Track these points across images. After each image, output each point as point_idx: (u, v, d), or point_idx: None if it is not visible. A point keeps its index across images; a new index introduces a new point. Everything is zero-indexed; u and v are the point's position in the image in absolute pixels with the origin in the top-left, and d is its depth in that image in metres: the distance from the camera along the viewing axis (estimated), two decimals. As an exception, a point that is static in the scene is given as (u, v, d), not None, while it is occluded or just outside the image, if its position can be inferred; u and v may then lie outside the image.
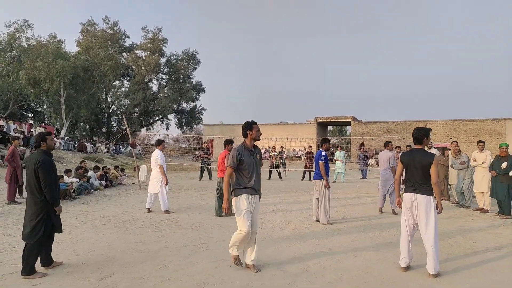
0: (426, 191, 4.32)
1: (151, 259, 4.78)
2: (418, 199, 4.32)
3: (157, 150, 8.40)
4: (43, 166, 4.16)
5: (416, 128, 4.61)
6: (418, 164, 4.35)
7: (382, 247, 5.47)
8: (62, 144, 21.66)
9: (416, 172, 4.37)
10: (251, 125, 4.63)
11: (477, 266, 4.62)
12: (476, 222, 7.39)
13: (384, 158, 8.44)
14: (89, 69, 30.54)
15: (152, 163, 8.38)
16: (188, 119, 43.43)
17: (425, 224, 4.27)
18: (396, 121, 35.59)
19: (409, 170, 4.46)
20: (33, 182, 4.18)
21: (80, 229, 6.49)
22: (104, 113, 41.63)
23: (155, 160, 8.27)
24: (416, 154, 4.44)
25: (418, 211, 4.32)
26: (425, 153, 4.43)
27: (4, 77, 29.91)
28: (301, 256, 4.96)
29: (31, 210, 4.19)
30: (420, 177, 4.35)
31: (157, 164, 8.23)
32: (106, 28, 38.01)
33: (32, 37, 33.16)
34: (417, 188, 4.36)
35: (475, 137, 30.38)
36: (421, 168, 4.33)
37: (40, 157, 4.23)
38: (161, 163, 8.21)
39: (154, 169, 8.34)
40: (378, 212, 8.40)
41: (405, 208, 4.48)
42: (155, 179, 8.25)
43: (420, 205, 4.31)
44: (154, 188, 8.22)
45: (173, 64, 40.92)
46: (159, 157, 8.24)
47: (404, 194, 4.49)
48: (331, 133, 59.74)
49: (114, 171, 14.22)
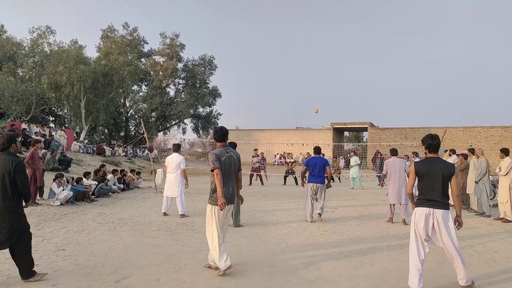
0: (445, 205, 3.96)
1: (167, 262, 4.82)
2: (437, 214, 3.89)
3: (179, 155, 8.50)
4: (21, 168, 4.01)
5: (430, 135, 4.15)
6: (438, 174, 3.93)
7: (399, 255, 5.37)
8: (81, 147, 22.11)
9: (435, 184, 3.94)
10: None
11: (498, 276, 4.49)
12: (497, 232, 7.19)
13: (397, 165, 8.03)
14: (108, 74, 31.19)
15: (173, 167, 8.37)
16: (204, 124, 43.76)
17: (448, 239, 3.86)
18: (414, 127, 34.99)
19: (426, 181, 3.98)
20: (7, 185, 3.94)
21: (98, 231, 6.59)
22: (123, 117, 42.34)
23: (178, 164, 8.33)
24: (435, 163, 4.00)
25: (439, 228, 3.89)
26: (445, 163, 4.06)
27: (27, 81, 30.79)
28: (317, 262, 4.92)
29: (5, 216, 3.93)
30: (440, 189, 3.92)
31: (179, 168, 8.31)
32: (126, 34, 38.79)
33: (54, 43, 34.15)
34: (437, 201, 3.92)
35: (497, 145, 29.61)
36: (441, 179, 3.92)
37: (15, 158, 4.04)
38: (184, 167, 8.39)
39: (173, 173, 8.36)
40: (388, 222, 7.96)
41: (418, 224, 3.98)
42: (174, 183, 8.30)
43: (440, 221, 3.88)
44: (174, 192, 8.28)
45: (190, 69, 41.40)
46: (183, 161, 8.40)
47: (418, 209, 4.03)
48: (347, 139, 59.20)
49: (130, 174, 14.43)
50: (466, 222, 8.16)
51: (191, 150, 49.29)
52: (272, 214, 8.72)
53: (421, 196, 4.04)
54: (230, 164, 4.49)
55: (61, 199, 9.09)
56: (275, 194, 12.97)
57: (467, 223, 8.07)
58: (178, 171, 8.33)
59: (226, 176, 4.41)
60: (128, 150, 28.22)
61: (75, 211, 8.45)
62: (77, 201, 9.69)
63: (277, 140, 32.76)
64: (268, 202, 10.81)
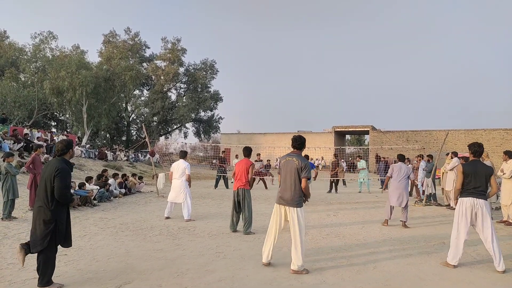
0: (486, 197, 4.97)
1: (168, 267, 4.81)
2: (481, 203, 4.85)
3: (184, 161, 8.58)
4: (61, 174, 4.01)
5: (477, 143, 5.27)
6: (482, 174, 4.93)
7: (402, 259, 5.35)
8: (83, 152, 22.14)
9: (480, 181, 4.91)
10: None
11: (501, 279, 4.46)
12: (500, 235, 7.13)
13: (403, 170, 8.04)
14: (110, 79, 31.29)
15: (178, 173, 8.46)
16: (206, 128, 43.80)
17: (487, 225, 4.82)
18: (416, 130, 34.97)
19: (473, 179, 4.94)
20: (48, 189, 4.02)
21: (100, 235, 6.59)
22: (124, 122, 42.43)
23: (183, 170, 8.41)
24: (479, 165, 5.02)
25: (479, 214, 4.85)
26: (486, 165, 5.11)
27: (29, 86, 30.89)
28: (319, 267, 4.90)
29: (41, 218, 3.99)
30: (484, 185, 4.92)
31: (184, 174, 8.40)
32: (127, 39, 38.97)
33: (56, 48, 34.36)
34: (480, 194, 4.90)
35: (499, 147, 29.56)
36: (485, 178, 4.93)
37: (60, 164, 4.08)
38: (189, 172, 8.49)
39: (178, 179, 8.44)
40: (384, 224, 8.02)
41: (465, 211, 4.93)
42: (180, 189, 8.37)
43: (482, 208, 4.85)
44: (179, 198, 8.35)
45: (191, 74, 41.50)
46: (188, 167, 8.48)
47: (465, 199, 4.94)
48: (349, 142, 59.14)
49: (132, 178, 14.44)
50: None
51: (192, 154, 49.36)
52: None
53: (469, 190, 4.97)
54: None
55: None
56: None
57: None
58: (183, 177, 8.40)
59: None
60: (130, 155, 28.26)
61: (77, 216, 8.45)
62: (79, 205, 9.69)
63: (279, 144, 32.75)
64: (269, 206, 10.78)
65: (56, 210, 4.01)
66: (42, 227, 3.94)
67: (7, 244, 5.86)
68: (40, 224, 3.96)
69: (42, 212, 3.99)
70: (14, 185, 7.98)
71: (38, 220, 3.99)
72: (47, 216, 3.96)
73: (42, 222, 3.95)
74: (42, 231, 3.94)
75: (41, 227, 3.95)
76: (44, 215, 3.97)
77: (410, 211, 9.99)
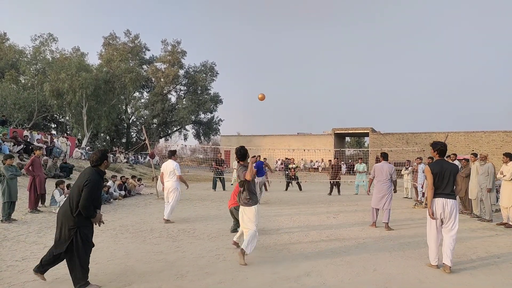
0: (455, 196, 4.98)
1: (168, 269, 4.80)
2: (450, 203, 4.89)
3: (173, 161, 8.50)
4: (90, 185, 3.99)
5: (440, 142, 5.21)
6: (449, 172, 4.92)
7: (401, 261, 5.34)
8: (83, 154, 22.15)
9: (447, 180, 4.91)
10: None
11: (502, 282, 4.46)
12: (500, 237, 7.15)
13: (385, 169, 7.87)
14: (110, 81, 31.32)
15: (168, 174, 8.42)
16: (206, 130, 43.83)
17: (453, 225, 4.89)
18: (416, 133, 34.95)
19: (440, 179, 4.93)
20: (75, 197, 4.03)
21: (99, 238, 6.58)
22: (124, 124, 42.44)
23: (172, 171, 8.37)
24: (445, 164, 5.01)
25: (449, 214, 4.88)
26: (452, 164, 5.11)
27: (29, 89, 30.90)
28: (319, 269, 4.90)
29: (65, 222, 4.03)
30: (452, 185, 4.92)
31: (173, 174, 8.35)
32: (127, 41, 38.99)
33: (56, 50, 34.36)
34: (448, 194, 4.90)
35: (499, 149, 29.55)
36: (451, 177, 4.93)
37: (92, 176, 4.08)
38: (179, 173, 8.41)
39: (169, 180, 8.40)
40: (371, 226, 7.93)
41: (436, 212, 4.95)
42: (170, 189, 8.35)
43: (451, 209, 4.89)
44: (169, 197, 8.35)
45: (191, 76, 41.53)
46: (177, 168, 8.40)
47: (435, 200, 4.96)
48: (349, 144, 59.14)
49: (132, 180, 14.42)
50: (469, 227, 8.15)
51: (192, 156, 49.39)
52: (274, 220, 8.70)
53: (438, 189, 4.96)
54: None
55: (63, 206, 9.06)
56: (276, 200, 12.94)
57: (469, 228, 8.05)
58: (174, 178, 8.37)
59: None
60: (130, 157, 28.25)
61: (77, 218, 8.44)
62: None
63: (279, 146, 32.76)
64: (269, 208, 10.78)
65: (79, 219, 4.03)
66: (66, 231, 4.02)
67: (6, 246, 5.85)
68: (64, 227, 4.04)
69: (66, 216, 4.05)
70: (11, 187, 7.95)
71: (63, 223, 4.06)
72: (69, 222, 4.02)
73: (66, 227, 4.02)
74: (65, 235, 4.02)
75: (64, 231, 4.03)
76: (67, 220, 4.03)
77: (411, 213, 10.01)
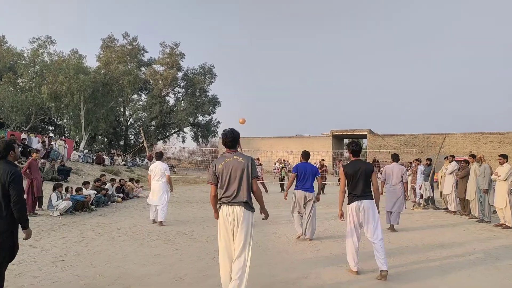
0: (370, 196, 4.77)
1: (166, 272, 4.78)
2: (365, 204, 4.67)
3: (162, 163, 8.57)
4: (17, 179, 3.49)
5: (355, 141, 5.19)
6: (362, 172, 4.73)
7: (400, 262, 5.33)
8: (81, 156, 22.10)
9: (363, 180, 4.73)
10: None
11: (501, 283, 4.46)
12: (498, 238, 7.16)
13: (396, 171, 7.89)
14: (108, 83, 31.34)
15: (157, 176, 8.40)
16: (204, 132, 43.85)
17: (374, 226, 4.65)
18: (414, 134, 35.07)
19: (355, 179, 4.75)
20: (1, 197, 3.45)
21: (97, 241, 6.55)
22: (122, 126, 42.42)
23: (163, 172, 8.39)
24: (359, 164, 4.83)
25: (365, 216, 4.67)
26: (366, 163, 5.01)
27: (27, 91, 30.85)
28: (318, 271, 4.89)
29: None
30: (366, 184, 4.75)
31: (164, 176, 8.38)
32: (126, 43, 39.02)
33: (54, 53, 34.35)
34: (363, 195, 4.70)
35: (496, 151, 29.62)
36: (366, 176, 4.75)
37: (12, 168, 3.53)
38: (169, 173, 8.55)
39: (158, 181, 8.38)
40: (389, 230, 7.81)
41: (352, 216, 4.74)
42: (159, 191, 8.32)
43: (367, 210, 4.67)
44: (160, 200, 8.28)
45: (189, 78, 41.57)
46: (167, 169, 8.52)
47: (350, 206, 4.76)
48: (347, 146, 59.25)
49: (130, 183, 14.40)
50: (467, 228, 8.16)
51: (190, 158, 49.34)
52: (272, 222, 8.68)
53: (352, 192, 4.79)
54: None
55: (61, 209, 9.04)
56: (274, 202, 12.92)
57: (468, 229, 8.06)
58: (163, 179, 8.38)
59: None
60: (128, 159, 28.20)
61: (74, 221, 8.41)
62: (76, 211, 9.64)
63: (277, 148, 32.76)
64: (267, 209, 10.75)
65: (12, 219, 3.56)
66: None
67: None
68: None
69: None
70: None
71: None
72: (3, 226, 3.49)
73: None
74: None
75: None
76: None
77: (409, 214, 10.00)
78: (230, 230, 3.73)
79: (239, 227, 3.69)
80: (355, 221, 4.73)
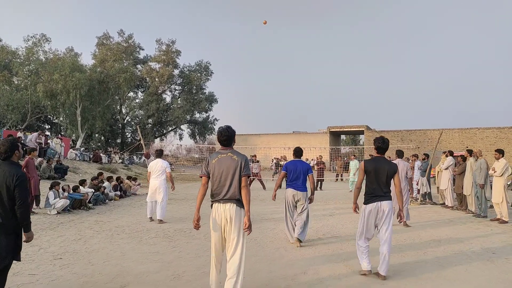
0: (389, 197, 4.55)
1: (165, 269, 4.79)
2: (384, 206, 4.47)
3: (163, 160, 8.58)
4: (23, 183, 3.46)
5: (382, 138, 4.67)
6: (384, 172, 4.48)
7: (399, 258, 5.36)
8: (77, 155, 22.01)
9: (382, 180, 4.49)
10: None
11: (498, 277, 4.49)
12: (494, 233, 7.21)
13: (400, 167, 7.85)
14: (104, 81, 31.14)
15: (156, 173, 8.41)
16: (201, 130, 43.77)
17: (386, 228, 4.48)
18: (411, 130, 35.16)
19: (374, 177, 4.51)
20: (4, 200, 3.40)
21: (95, 239, 6.55)
22: (119, 124, 42.26)
23: (163, 169, 8.41)
24: (382, 162, 4.57)
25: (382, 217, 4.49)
26: (390, 162, 4.68)
27: (22, 90, 30.63)
28: (316, 267, 4.91)
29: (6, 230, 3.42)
30: (386, 185, 4.51)
31: (164, 173, 8.41)
32: (121, 41, 38.81)
33: (49, 51, 34.07)
34: (382, 195, 4.49)
35: (492, 146, 29.79)
36: (387, 176, 4.49)
37: (18, 171, 3.48)
38: (170, 170, 8.55)
39: (158, 178, 8.38)
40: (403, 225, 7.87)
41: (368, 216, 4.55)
42: (159, 188, 8.33)
43: (385, 211, 4.47)
44: (159, 196, 8.30)
45: (186, 76, 41.43)
46: (168, 166, 8.55)
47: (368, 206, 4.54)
48: (344, 142, 59.32)
49: (127, 181, 14.37)
50: (464, 223, 8.21)
51: (188, 156, 49.26)
52: (270, 219, 8.70)
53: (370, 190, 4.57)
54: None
55: (58, 207, 9.01)
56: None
57: (464, 224, 8.11)
58: (163, 176, 8.40)
59: None
60: (125, 157, 28.12)
61: (72, 220, 8.40)
62: (74, 209, 9.61)
63: (274, 145, 32.78)
64: (265, 206, 10.77)
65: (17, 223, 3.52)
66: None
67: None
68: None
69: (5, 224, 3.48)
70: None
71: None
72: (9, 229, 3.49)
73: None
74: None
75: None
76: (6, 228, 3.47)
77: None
78: (221, 228, 3.72)
79: (232, 224, 3.66)
80: (370, 222, 4.54)
